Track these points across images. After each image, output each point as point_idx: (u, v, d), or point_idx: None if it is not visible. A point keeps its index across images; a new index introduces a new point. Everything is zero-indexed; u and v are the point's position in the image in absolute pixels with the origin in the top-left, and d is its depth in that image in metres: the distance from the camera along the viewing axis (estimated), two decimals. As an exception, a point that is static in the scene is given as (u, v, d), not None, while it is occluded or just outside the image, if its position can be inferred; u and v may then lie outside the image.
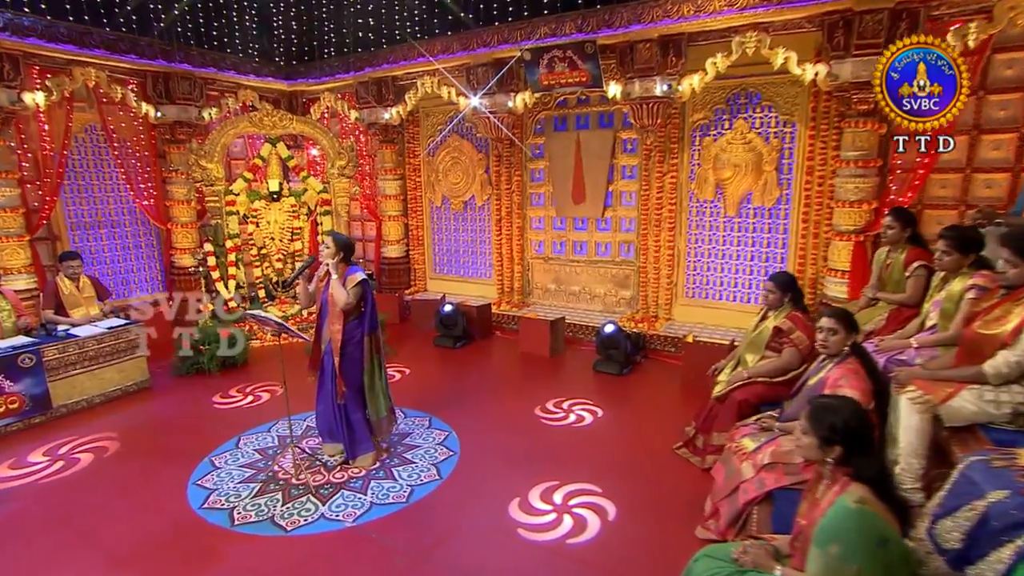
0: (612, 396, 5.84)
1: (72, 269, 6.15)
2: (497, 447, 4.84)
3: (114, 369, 5.94)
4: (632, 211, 7.47)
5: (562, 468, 4.47)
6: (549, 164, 7.97)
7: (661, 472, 4.45)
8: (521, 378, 6.48)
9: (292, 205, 8.15)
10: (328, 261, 4.33)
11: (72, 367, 5.61)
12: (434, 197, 9.17)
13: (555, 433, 5.08)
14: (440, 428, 5.21)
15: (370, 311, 4.46)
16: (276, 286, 8.31)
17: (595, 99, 7.48)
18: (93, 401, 5.79)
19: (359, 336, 4.43)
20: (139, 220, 8.43)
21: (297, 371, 6.56)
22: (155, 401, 5.99)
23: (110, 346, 5.89)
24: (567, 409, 5.50)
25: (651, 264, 7.29)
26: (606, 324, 6.46)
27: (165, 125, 8.12)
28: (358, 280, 4.31)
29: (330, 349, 4.45)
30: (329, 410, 4.57)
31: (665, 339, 6.92)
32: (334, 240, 4.36)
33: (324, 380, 4.58)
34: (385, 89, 8.48)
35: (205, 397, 6.02)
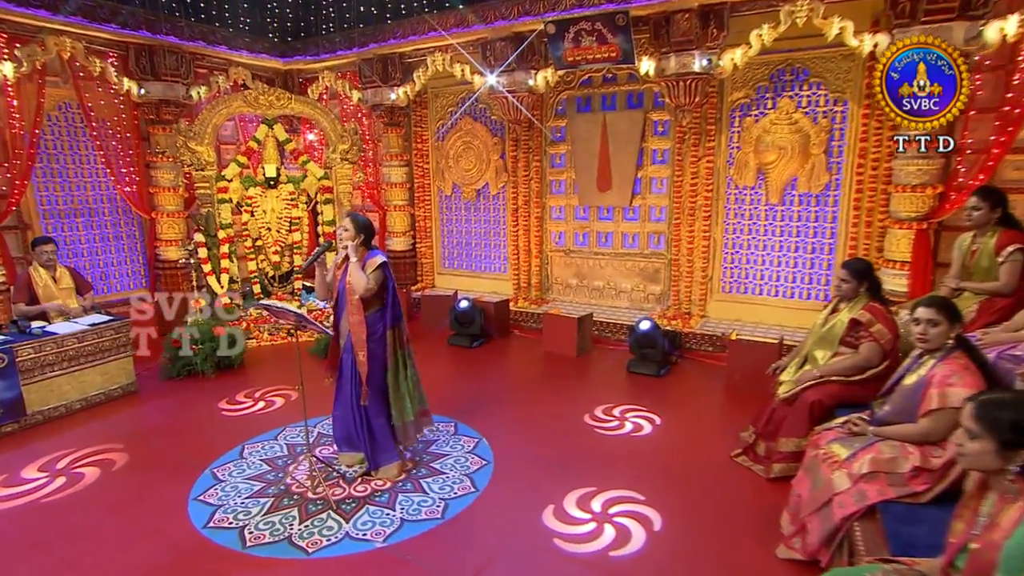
0: (653, 400, 5.55)
1: (46, 256, 5.77)
2: (535, 456, 4.54)
3: (96, 371, 5.56)
4: (663, 199, 7.20)
5: (601, 474, 4.22)
6: (571, 148, 7.68)
7: (716, 481, 4.19)
8: (549, 380, 6.19)
9: (290, 192, 7.79)
10: (348, 244, 4.02)
11: (49, 368, 5.23)
12: (444, 185, 8.85)
13: (605, 442, 4.78)
14: (468, 435, 4.91)
15: (392, 300, 4.15)
16: (272, 281, 7.94)
17: (623, 77, 7.20)
18: (73, 407, 5.40)
19: (381, 330, 4.13)
20: (120, 208, 8.03)
21: (295, 372, 6.30)
22: (143, 407, 5.61)
23: (92, 345, 5.51)
24: (620, 416, 5.19)
25: (684, 257, 7.02)
26: (641, 321, 6.17)
27: (149, 104, 7.73)
28: (378, 264, 4.02)
29: (349, 345, 4.15)
30: (348, 415, 4.25)
31: (701, 337, 6.65)
32: (353, 221, 4.06)
33: (343, 381, 4.28)
34: (391, 67, 8.15)
35: (201, 402, 5.66)
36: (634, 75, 7.07)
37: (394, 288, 4.15)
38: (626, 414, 5.23)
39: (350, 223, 4.04)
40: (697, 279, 7.01)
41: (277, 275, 7.95)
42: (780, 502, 3.71)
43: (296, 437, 4.93)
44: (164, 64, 7.64)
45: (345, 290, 4.08)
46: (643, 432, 4.90)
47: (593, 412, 5.25)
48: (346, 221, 4.06)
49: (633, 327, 6.26)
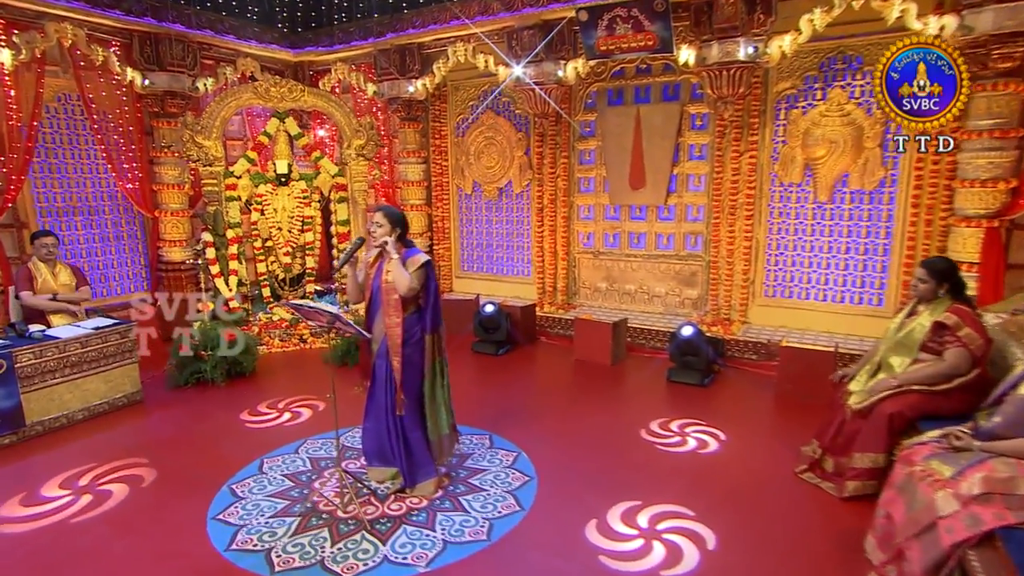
0: (702, 411, 5.31)
1: (46, 249, 5.59)
2: (581, 472, 4.30)
3: (100, 379, 5.32)
4: (701, 197, 6.98)
5: (651, 489, 4.02)
6: (602, 144, 7.48)
7: (778, 499, 3.96)
8: (586, 390, 5.97)
9: (303, 190, 7.56)
10: (385, 240, 3.81)
11: (51, 376, 4.98)
12: (463, 183, 8.64)
13: (659, 457, 4.54)
14: (505, 448, 4.67)
15: (433, 303, 3.94)
16: (283, 284, 7.69)
17: (658, 68, 6.99)
18: (74, 417, 5.15)
19: (418, 334, 3.91)
20: (121, 206, 7.80)
21: (313, 380, 6.18)
22: (150, 417, 5.36)
23: (96, 351, 5.27)
24: (680, 431, 4.93)
25: (724, 259, 6.80)
26: (683, 327, 5.94)
27: (153, 96, 7.52)
28: (421, 262, 3.82)
29: (384, 350, 3.93)
30: (382, 427, 4.03)
31: (744, 344, 6.42)
32: (386, 215, 3.86)
33: (376, 390, 4.06)
34: (410, 58, 7.96)
35: (212, 412, 5.42)
36: (670, 65, 6.87)
37: (436, 289, 3.95)
38: (686, 428, 4.97)
39: (383, 217, 3.84)
40: (738, 283, 6.78)
41: (288, 278, 7.71)
42: (859, 524, 3.48)
43: (319, 450, 4.68)
44: (170, 53, 7.44)
45: (380, 290, 3.89)
46: (710, 449, 4.63)
47: (648, 426, 5.00)
48: (378, 215, 3.86)
49: (674, 333, 6.02)
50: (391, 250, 3.78)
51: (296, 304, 3.70)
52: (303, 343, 7.23)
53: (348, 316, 4.28)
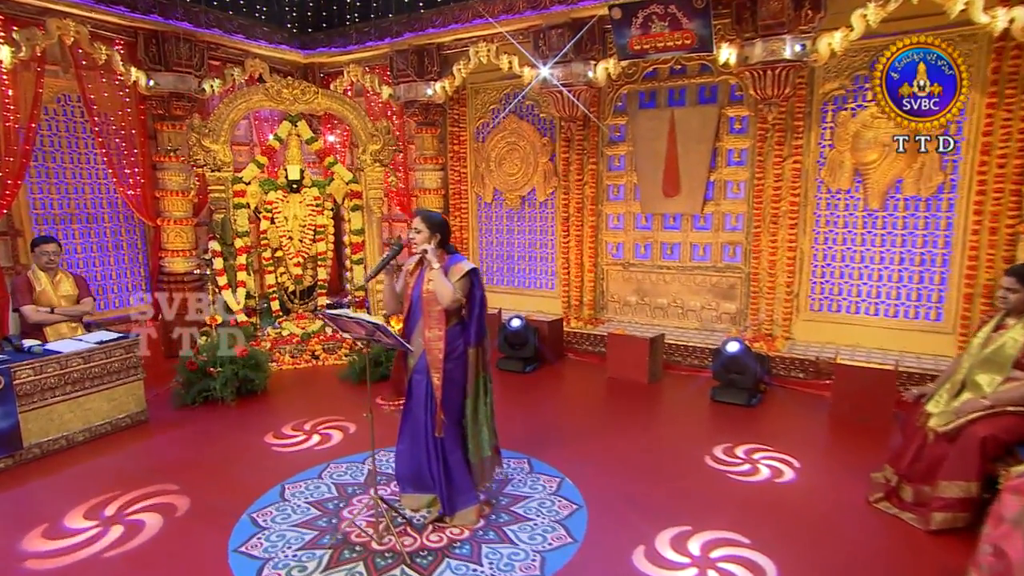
0: (758, 435, 5.09)
1: (47, 257, 5.39)
2: (632, 499, 4.07)
3: (103, 397, 5.07)
4: (740, 205, 6.81)
5: (711, 517, 3.75)
6: (633, 149, 7.32)
7: (850, 531, 3.73)
8: (624, 410, 5.76)
9: (315, 198, 7.35)
10: (425, 247, 3.62)
11: (51, 393, 4.74)
12: (483, 191, 8.46)
13: (724, 485, 4.30)
14: (546, 473, 4.44)
15: (478, 314, 3.75)
16: (292, 297, 7.46)
17: (693, 68, 6.84)
18: (75, 439, 4.90)
19: (461, 348, 3.71)
20: (121, 214, 7.60)
21: (330, 399, 5.96)
22: (156, 439, 5.11)
23: (100, 367, 5.03)
24: (749, 458, 4.67)
25: (765, 271, 6.61)
26: (729, 342, 5.72)
27: (158, 97, 7.34)
28: (465, 271, 3.65)
29: (423, 366, 3.73)
30: (420, 449, 3.80)
31: (790, 362, 6.20)
32: (425, 219, 3.69)
33: (412, 408, 3.84)
34: (428, 59, 7.80)
35: (224, 433, 5.19)
36: (707, 66, 6.72)
37: (482, 299, 3.76)
38: (753, 454, 4.71)
39: (422, 222, 3.67)
40: (780, 296, 6.58)
41: (298, 290, 7.47)
42: (953, 561, 3.28)
43: (344, 475, 4.43)
44: (176, 53, 7.27)
45: (420, 300, 3.71)
46: (786, 478, 4.36)
47: (712, 452, 4.75)
48: (416, 221, 3.69)
49: (718, 350, 5.80)
50: (431, 258, 3.60)
51: (333, 314, 3.47)
52: (315, 359, 6.99)
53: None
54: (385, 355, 6.27)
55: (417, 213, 3.75)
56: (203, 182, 7.24)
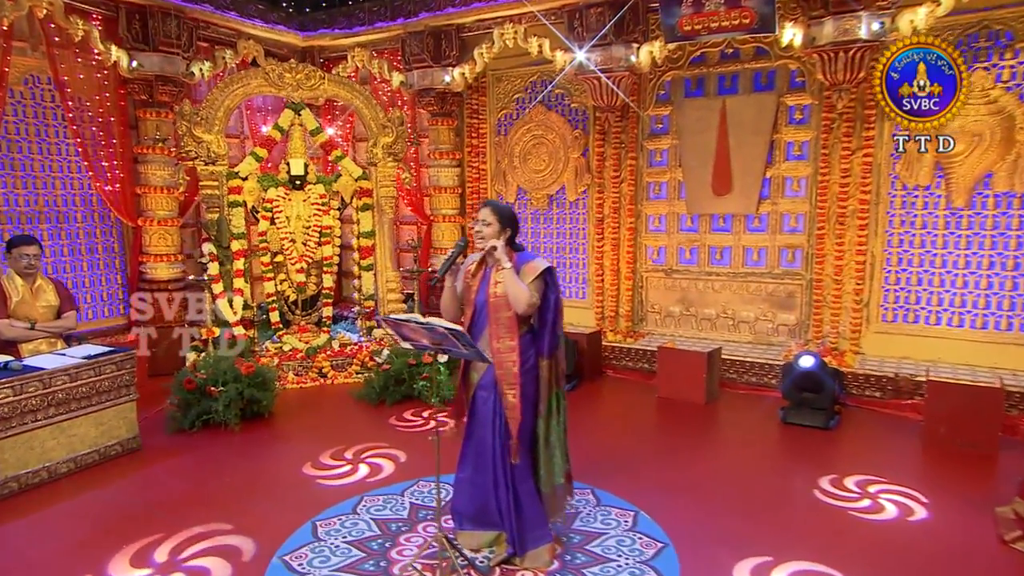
0: (848, 461, 4.88)
1: (27, 260, 5.05)
2: (725, 534, 3.80)
3: (90, 421, 4.71)
4: (801, 204, 6.64)
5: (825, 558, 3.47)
6: (678, 142, 7.16)
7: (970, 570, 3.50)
8: (687, 433, 5.55)
9: (320, 195, 7.05)
10: (493, 243, 3.40)
11: (31, 417, 4.37)
12: (505, 190, 8.26)
13: (838, 521, 4.04)
14: (617, 505, 4.19)
15: (553, 320, 3.51)
16: (294, 307, 7.13)
17: (748, 52, 6.68)
18: (57, 471, 4.53)
19: (532, 359, 3.49)
20: (97, 213, 7.25)
21: (350, 423, 5.67)
22: (153, 469, 4.76)
23: (88, 386, 4.67)
24: (866, 491, 4.38)
25: (830, 277, 6.43)
26: (802, 356, 5.50)
27: (141, 81, 7.03)
28: (540, 271, 3.41)
29: (490, 381, 3.50)
30: (487, 479, 3.55)
31: (864, 379, 6.00)
32: (495, 211, 3.48)
33: (477, 431, 3.59)
34: (446, 43, 7.61)
35: (232, 461, 4.88)
36: (764, 49, 6.57)
37: (557, 303, 3.51)
38: (867, 487, 4.42)
39: (491, 213, 3.46)
40: (848, 305, 6.39)
41: (300, 299, 7.14)
42: None
43: (383, 510, 4.13)
44: (162, 31, 6.98)
45: (486, 306, 3.47)
46: (918, 517, 4.06)
47: (818, 482, 4.47)
48: (484, 212, 3.48)
49: (789, 366, 5.58)
50: (501, 256, 3.36)
51: (399, 319, 3.17)
52: (323, 377, 6.66)
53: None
54: (408, 372, 5.98)
55: (486, 204, 3.56)
56: (193, 178, 6.90)
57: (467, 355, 3.20)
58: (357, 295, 7.49)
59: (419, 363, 5.99)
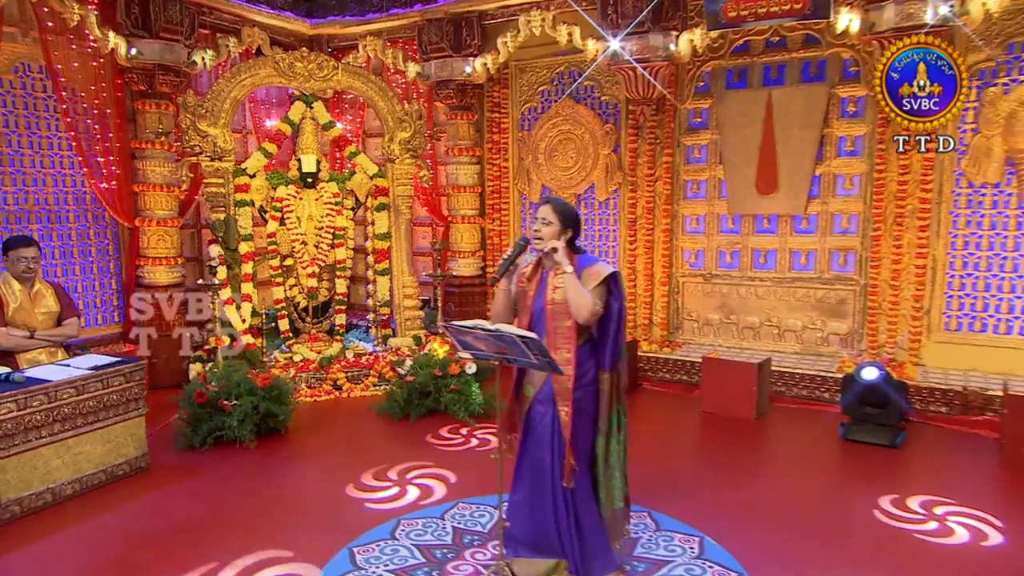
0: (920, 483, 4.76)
1: (25, 263, 4.92)
2: (802, 564, 3.69)
3: (97, 438, 4.57)
4: (855, 203, 6.58)
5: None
6: (719, 137, 7.09)
7: None
8: (740, 451, 5.44)
9: (334, 194, 6.94)
10: (554, 244, 3.29)
11: (35, 434, 4.23)
12: (529, 189, 8.19)
13: (912, 544, 3.93)
14: (679, 531, 4.07)
15: (615, 330, 3.38)
16: (304, 314, 7.00)
17: (795, 40, 6.61)
18: (62, 493, 4.39)
19: (593, 372, 3.40)
20: (91, 212, 7.11)
21: (373, 439, 5.58)
22: (166, 491, 4.63)
23: (95, 399, 4.53)
24: (931, 514, 4.28)
25: (887, 282, 6.35)
26: (864, 368, 5.40)
27: (140, 70, 6.89)
28: (603, 276, 3.30)
29: (547, 394, 3.39)
30: (544, 501, 3.42)
31: (927, 392, 5.91)
32: (556, 209, 3.38)
33: (532, 449, 3.47)
34: (467, 31, 7.54)
35: (249, 481, 4.75)
36: (813, 36, 6.50)
37: (621, 312, 3.39)
38: (933, 508, 4.31)
39: (552, 212, 3.35)
40: (907, 313, 6.29)
41: (311, 306, 7.02)
42: None
43: (424, 535, 4.00)
44: (163, 16, 6.85)
45: (544, 313, 3.36)
46: (993, 542, 3.94)
47: (877, 502, 4.36)
48: (545, 210, 3.37)
49: (850, 378, 5.47)
50: (561, 259, 3.25)
51: (463, 326, 3.04)
52: (337, 390, 6.53)
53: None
54: (434, 384, 5.85)
55: (546, 201, 3.44)
56: (198, 174, 6.78)
57: (537, 365, 3.07)
58: (371, 301, 7.37)
59: (446, 374, 5.87)
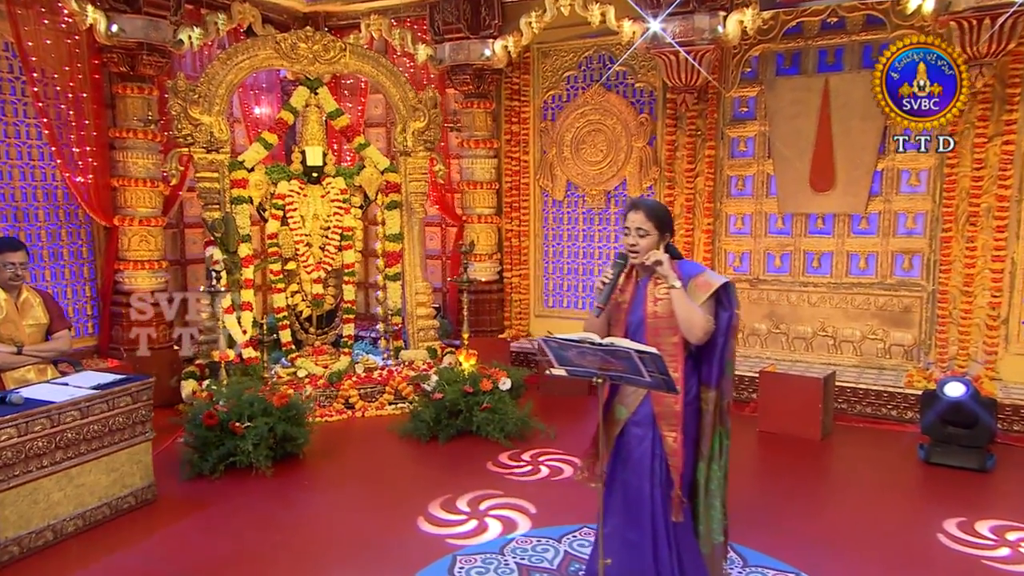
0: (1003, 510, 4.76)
1: (12, 271, 4.76)
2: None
3: (100, 467, 4.43)
4: (922, 201, 6.67)
5: None
6: (768, 129, 7.16)
7: None
8: (812, 476, 5.47)
9: (341, 191, 6.84)
10: (657, 257, 3.21)
11: (36, 463, 4.06)
12: (552, 186, 8.20)
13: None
14: (769, 566, 4.06)
15: (723, 345, 3.31)
16: (307, 323, 6.88)
17: (855, 22, 6.69)
18: (64, 530, 4.24)
19: (695, 389, 3.35)
20: (62, 209, 6.97)
21: (402, 464, 5.56)
22: (179, 527, 4.50)
23: (100, 422, 4.38)
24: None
25: (958, 288, 6.43)
26: (947, 383, 5.40)
27: (121, 50, 6.73)
28: (714, 289, 3.21)
29: (645, 416, 3.32)
30: (642, 534, 3.34)
31: (1011, 411, 5.98)
32: (651, 215, 3.25)
33: (627, 476, 3.39)
34: (487, 10, 7.49)
35: (272, 515, 4.63)
36: (876, 18, 6.59)
37: (731, 324, 3.31)
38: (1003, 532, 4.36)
39: (646, 219, 3.22)
40: (982, 322, 6.37)
41: (315, 315, 6.90)
42: None
43: (486, 574, 3.88)
44: (148, -11, 6.71)
45: (643, 327, 3.29)
46: None
47: (977, 530, 4.40)
48: (636, 217, 3.23)
49: (933, 394, 5.48)
50: (668, 273, 3.18)
51: (567, 340, 2.94)
52: (349, 409, 6.42)
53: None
54: (464, 402, 5.76)
55: (635, 206, 3.30)
56: (186, 169, 6.66)
57: (649, 384, 2.98)
58: (380, 310, 7.27)
59: (477, 391, 5.79)
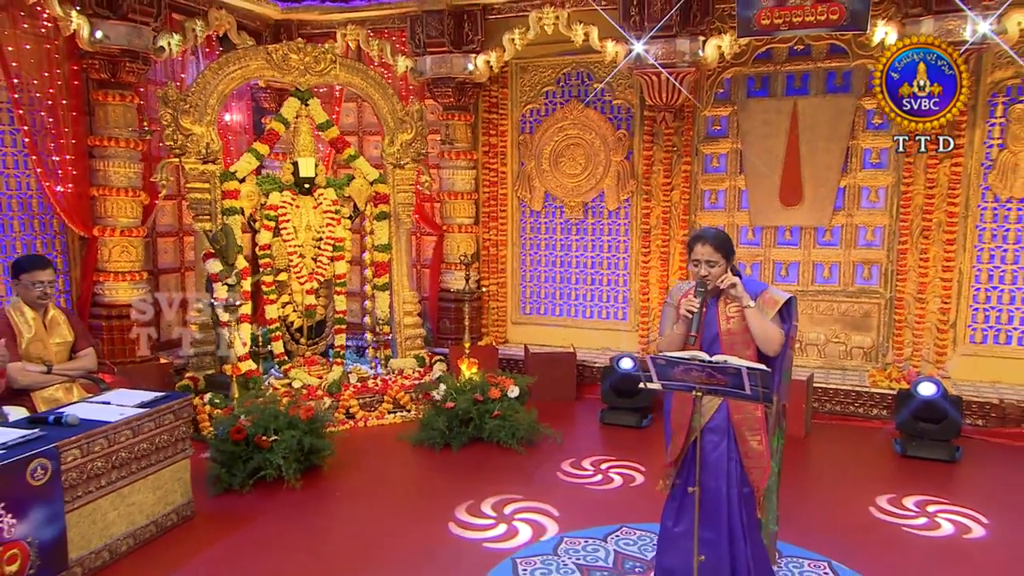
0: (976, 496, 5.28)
1: (41, 289, 4.68)
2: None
3: (148, 485, 4.42)
4: (880, 216, 7.14)
5: None
6: (741, 146, 7.50)
7: None
8: (815, 470, 5.87)
9: (332, 202, 6.87)
10: (733, 281, 3.51)
11: (95, 483, 4.04)
12: (530, 197, 8.37)
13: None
14: (801, 555, 4.33)
15: (783, 354, 3.60)
16: (298, 335, 6.89)
17: (820, 50, 7.12)
18: (118, 550, 4.21)
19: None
20: (39, 219, 6.76)
21: (421, 473, 5.73)
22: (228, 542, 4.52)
23: (148, 441, 4.37)
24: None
25: (912, 295, 6.92)
26: (921, 383, 5.89)
27: (103, 56, 6.58)
28: (780, 304, 3.54)
29: (721, 424, 3.58)
30: (720, 535, 3.58)
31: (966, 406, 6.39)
32: (718, 247, 3.52)
33: (703, 480, 3.56)
34: (470, 25, 7.63)
35: (304, 529, 4.69)
36: (839, 47, 7.00)
37: (791, 335, 3.61)
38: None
39: (713, 251, 3.50)
40: (933, 326, 6.89)
41: (306, 325, 6.90)
42: None
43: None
44: (131, -4, 6.58)
45: (719, 342, 3.58)
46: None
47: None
48: (704, 250, 3.51)
49: (907, 393, 5.96)
50: (742, 295, 3.48)
51: (675, 358, 3.18)
52: (350, 419, 6.47)
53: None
54: (476, 410, 5.93)
55: (701, 239, 3.55)
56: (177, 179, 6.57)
57: (749, 396, 3.26)
58: (368, 319, 7.34)
59: (487, 399, 5.97)
